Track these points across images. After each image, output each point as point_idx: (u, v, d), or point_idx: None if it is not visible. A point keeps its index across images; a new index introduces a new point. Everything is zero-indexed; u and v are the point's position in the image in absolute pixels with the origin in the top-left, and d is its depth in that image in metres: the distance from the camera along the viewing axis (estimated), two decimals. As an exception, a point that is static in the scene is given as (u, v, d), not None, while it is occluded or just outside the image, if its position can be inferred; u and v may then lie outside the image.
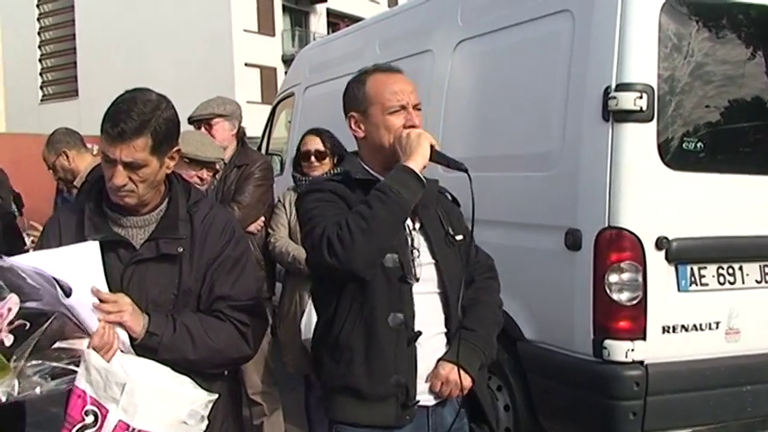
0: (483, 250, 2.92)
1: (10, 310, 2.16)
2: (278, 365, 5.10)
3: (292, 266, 4.80)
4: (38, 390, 2.21)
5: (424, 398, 2.58)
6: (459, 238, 2.73)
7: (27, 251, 4.09)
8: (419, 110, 2.63)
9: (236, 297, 2.56)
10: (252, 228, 4.87)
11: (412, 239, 2.59)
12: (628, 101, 3.89)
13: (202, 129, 4.96)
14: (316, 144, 4.92)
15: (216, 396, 2.43)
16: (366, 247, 2.31)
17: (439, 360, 2.60)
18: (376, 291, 2.49)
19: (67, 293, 2.21)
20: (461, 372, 2.56)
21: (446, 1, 5.67)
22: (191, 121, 5.05)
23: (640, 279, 3.96)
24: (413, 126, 2.57)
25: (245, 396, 4.96)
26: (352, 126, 2.66)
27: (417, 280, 2.56)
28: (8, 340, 2.16)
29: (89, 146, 5.40)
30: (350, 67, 6.88)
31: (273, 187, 5.28)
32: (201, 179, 4.34)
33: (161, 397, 2.30)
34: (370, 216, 2.32)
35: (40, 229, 3.06)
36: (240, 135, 5.13)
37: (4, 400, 2.14)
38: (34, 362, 2.21)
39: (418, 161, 2.45)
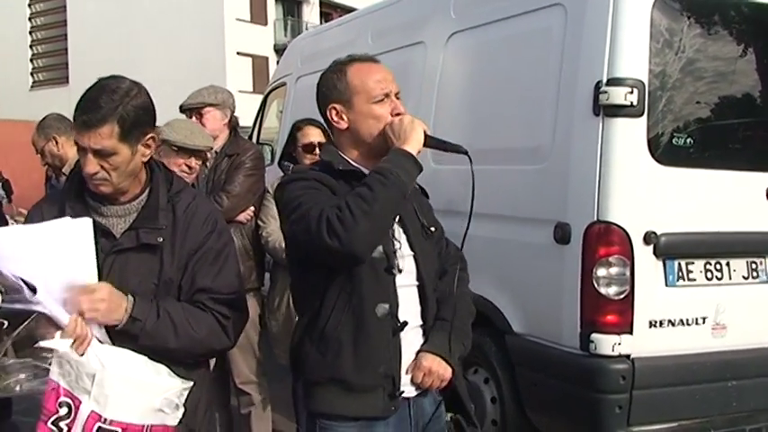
0: (451, 241, 2.91)
1: None
2: (267, 356, 5.11)
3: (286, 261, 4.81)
4: (18, 387, 2.22)
5: (406, 389, 2.58)
6: (432, 229, 2.73)
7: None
8: (399, 98, 2.61)
9: (217, 289, 2.55)
10: (241, 217, 4.85)
11: (393, 231, 2.57)
12: (618, 96, 3.89)
13: (193, 118, 4.93)
14: (318, 136, 4.92)
15: (191, 384, 2.43)
16: (368, 229, 2.29)
17: (419, 351, 2.60)
18: (363, 281, 2.48)
19: (33, 290, 2.20)
20: (444, 363, 2.58)
21: (439, -7, 5.67)
22: (182, 109, 5.02)
23: (628, 273, 3.97)
24: (399, 113, 2.56)
25: (233, 385, 4.97)
26: (333, 117, 2.61)
27: (400, 271, 2.56)
28: None
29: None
30: (341, 58, 6.90)
31: (264, 177, 5.27)
32: (190, 167, 4.33)
33: (133, 387, 2.31)
34: (372, 198, 2.29)
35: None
36: (232, 125, 5.11)
37: None
38: (15, 360, 2.22)
39: (413, 146, 2.44)
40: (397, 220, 2.59)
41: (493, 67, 4.91)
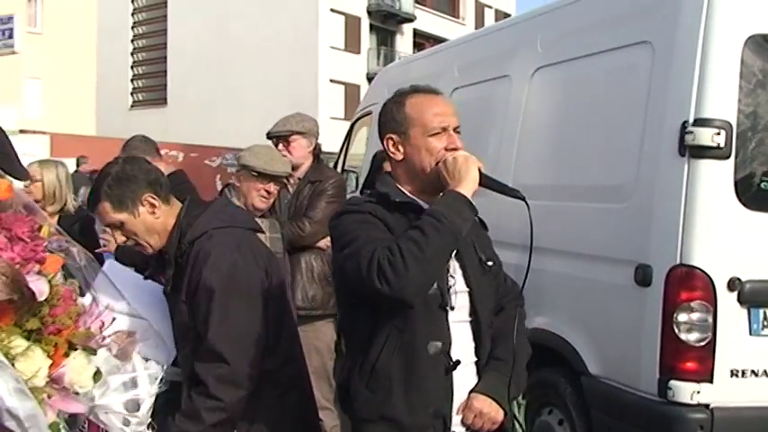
0: (509, 276, 2.84)
1: (106, 322, 2.28)
2: (340, 383, 5.10)
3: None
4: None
5: (457, 429, 2.54)
6: (490, 264, 2.66)
7: (100, 254, 4.20)
8: (458, 132, 2.56)
9: (209, 341, 2.61)
10: (321, 243, 4.90)
11: (448, 267, 2.51)
12: (705, 137, 3.79)
13: (280, 145, 5.04)
14: None
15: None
16: (418, 275, 2.24)
17: (471, 391, 2.55)
18: (416, 318, 2.41)
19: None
20: (495, 405, 2.52)
21: (527, 26, 5.65)
22: (269, 136, 5.13)
23: (710, 320, 3.84)
24: (455, 149, 2.50)
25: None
26: (390, 148, 2.58)
27: (453, 308, 2.51)
28: (114, 349, 2.25)
29: (174, 153, 5.57)
30: (428, 89, 6.92)
31: (344, 205, 5.32)
32: (269, 192, 4.47)
33: None
34: (425, 243, 2.25)
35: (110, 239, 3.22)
36: (316, 152, 5.19)
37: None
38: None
39: (468, 186, 2.39)
40: (453, 254, 2.52)
41: (577, 102, 4.85)
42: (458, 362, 2.48)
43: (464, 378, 2.55)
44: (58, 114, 28.88)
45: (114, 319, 2.41)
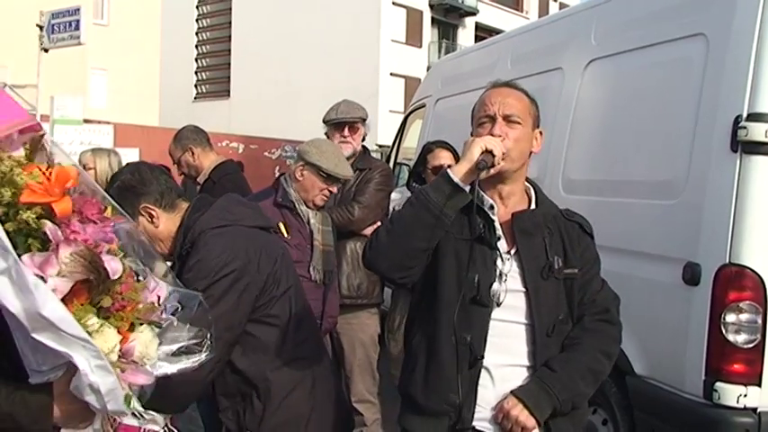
0: (609, 288, 2.77)
1: (162, 296, 2.29)
2: (385, 376, 5.09)
3: None
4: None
5: (483, 425, 2.50)
6: (568, 271, 2.58)
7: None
8: (514, 121, 2.54)
9: None
10: (368, 231, 4.87)
11: (503, 263, 2.50)
12: (758, 132, 3.67)
13: (346, 131, 4.99)
14: (448, 159, 4.89)
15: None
16: (388, 247, 2.34)
17: (511, 392, 2.50)
18: (445, 307, 2.47)
19: None
20: (526, 412, 2.44)
21: (581, 18, 5.54)
22: (338, 122, 5.02)
23: (760, 321, 3.72)
24: (492, 135, 2.49)
25: (349, 402, 4.98)
26: None
27: (498, 305, 2.48)
28: (166, 323, 2.27)
29: (235, 144, 5.64)
30: (480, 81, 6.76)
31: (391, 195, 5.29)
32: (330, 193, 4.42)
33: None
34: (398, 218, 2.37)
35: None
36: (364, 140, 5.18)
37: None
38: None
39: (461, 165, 2.41)
40: (513, 252, 2.53)
41: (629, 95, 4.74)
42: (481, 357, 2.46)
43: (504, 377, 2.51)
44: (123, 105, 29.40)
45: (171, 292, 2.44)
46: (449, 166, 4.72)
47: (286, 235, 4.22)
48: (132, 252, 2.32)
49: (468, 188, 2.40)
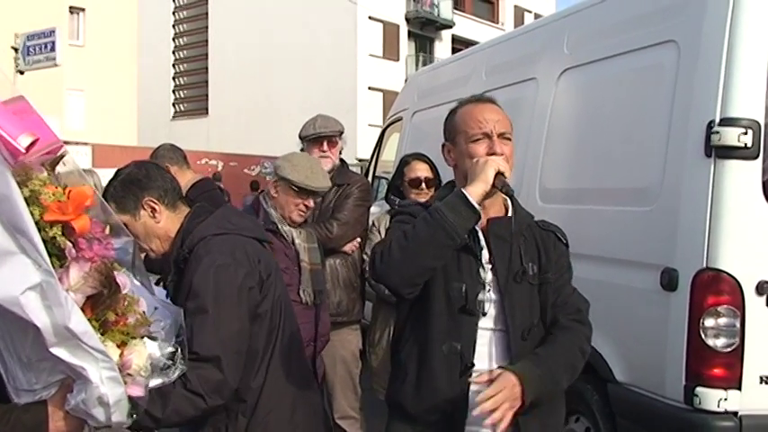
0: (580, 294, 2.80)
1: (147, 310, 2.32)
2: (367, 390, 5.07)
3: (390, 298, 4.75)
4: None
5: (473, 430, 2.49)
6: (543, 276, 2.63)
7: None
8: (507, 138, 2.59)
9: (195, 348, 2.51)
10: (347, 248, 4.85)
11: (479, 272, 2.55)
12: (731, 136, 3.69)
13: (325, 145, 4.92)
14: (425, 171, 4.89)
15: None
16: (401, 263, 2.34)
17: (508, 366, 2.45)
18: (435, 317, 2.52)
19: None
20: (519, 389, 2.37)
21: (553, 28, 5.57)
22: (312, 138, 4.95)
23: (738, 325, 3.74)
24: (493, 153, 2.53)
25: (332, 421, 4.94)
26: (445, 155, 2.71)
27: (484, 314, 2.53)
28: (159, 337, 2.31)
29: (214, 162, 5.60)
30: (456, 93, 6.82)
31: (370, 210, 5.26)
32: (307, 207, 4.26)
33: None
34: (412, 235, 2.35)
35: None
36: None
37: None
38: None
39: (477, 186, 2.42)
40: (485, 260, 2.57)
41: (603, 104, 4.77)
42: (472, 365, 2.49)
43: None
44: (101, 126, 29.28)
45: (156, 308, 2.44)
46: (426, 179, 4.79)
47: None
48: (128, 267, 2.35)
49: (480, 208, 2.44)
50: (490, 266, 2.57)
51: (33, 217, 1.85)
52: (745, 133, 3.69)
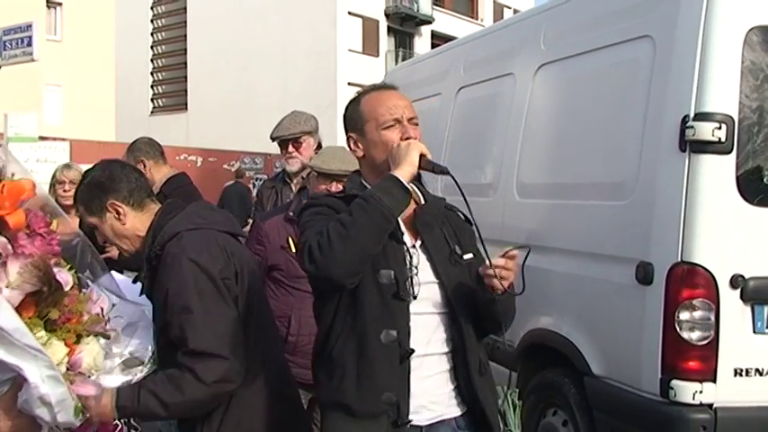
0: None
1: (105, 307, 2.35)
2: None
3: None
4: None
5: (417, 417, 2.50)
6: (467, 257, 2.67)
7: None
8: (416, 124, 2.60)
9: (186, 342, 2.55)
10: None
11: (411, 257, 2.54)
12: (706, 131, 3.72)
13: (290, 147, 4.87)
14: None
15: None
16: (344, 253, 2.29)
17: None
18: (368, 306, 2.47)
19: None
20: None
21: (530, 23, 5.58)
22: (278, 140, 4.93)
23: (713, 318, 3.77)
24: (408, 138, 2.54)
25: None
26: (352, 146, 2.68)
27: (415, 298, 2.51)
28: (112, 335, 2.32)
29: (193, 157, 5.55)
30: (434, 88, 6.86)
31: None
32: (330, 191, 4.26)
33: None
34: (350, 223, 2.31)
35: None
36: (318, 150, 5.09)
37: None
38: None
39: (405, 170, 2.43)
40: (418, 245, 2.59)
41: (579, 99, 4.79)
42: (411, 351, 2.48)
43: (429, 368, 2.54)
44: (79, 121, 29.01)
45: (114, 305, 2.46)
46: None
47: (294, 250, 4.10)
48: (76, 263, 2.32)
49: None
50: (416, 251, 2.57)
51: None
52: (720, 128, 3.72)
